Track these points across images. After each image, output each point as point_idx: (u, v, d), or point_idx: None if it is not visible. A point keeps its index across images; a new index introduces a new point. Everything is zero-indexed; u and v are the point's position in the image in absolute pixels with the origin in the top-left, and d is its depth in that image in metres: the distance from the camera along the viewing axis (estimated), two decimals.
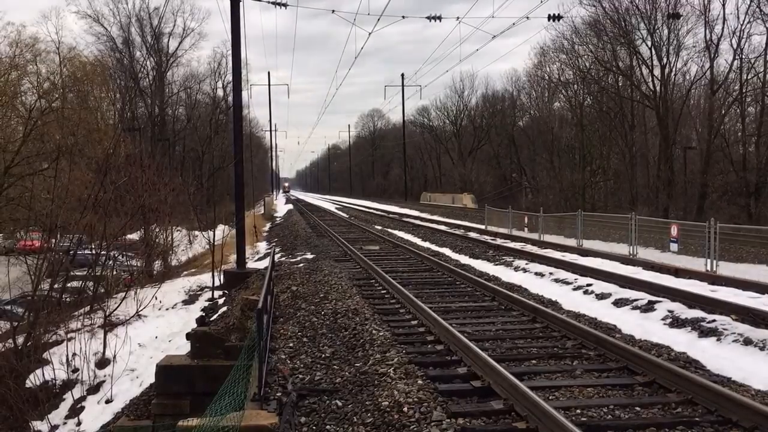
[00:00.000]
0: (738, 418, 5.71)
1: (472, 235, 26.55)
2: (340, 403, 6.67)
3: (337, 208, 59.17)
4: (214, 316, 15.15)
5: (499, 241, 23.30)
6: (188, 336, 9.83)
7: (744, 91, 34.93)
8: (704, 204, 33.87)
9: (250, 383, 6.70)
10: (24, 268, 17.31)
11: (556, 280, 14.35)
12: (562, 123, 51.31)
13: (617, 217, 23.56)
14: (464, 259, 18.88)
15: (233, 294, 17.03)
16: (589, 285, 13.15)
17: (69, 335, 15.01)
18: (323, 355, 8.42)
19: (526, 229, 26.83)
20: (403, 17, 28.23)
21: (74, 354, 13.89)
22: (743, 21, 33.99)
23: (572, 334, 8.86)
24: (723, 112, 35.83)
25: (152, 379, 10.42)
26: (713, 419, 5.84)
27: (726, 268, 14.96)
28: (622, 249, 19.13)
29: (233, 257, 21.38)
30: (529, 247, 20.77)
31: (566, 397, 6.54)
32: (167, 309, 18.25)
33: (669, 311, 10.31)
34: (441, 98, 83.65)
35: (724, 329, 9.00)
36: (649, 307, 10.78)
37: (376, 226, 32.45)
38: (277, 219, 49.53)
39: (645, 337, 9.11)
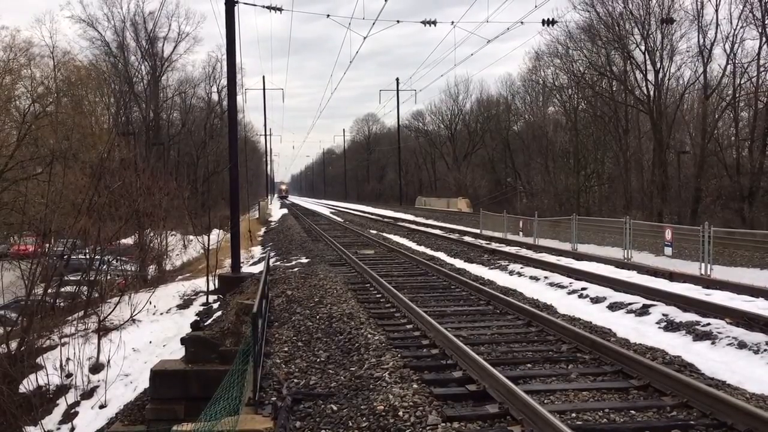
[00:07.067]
0: (733, 421, 5.72)
1: (467, 239, 26.56)
2: (335, 408, 6.65)
3: (331, 213, 59.12)
4: (209, 321, 15.09)
5: (494, 245, 23.32)
6: (183, 341, 9.79)
7: (737, 95, 35.08)
8: (698, 208, 33.96)
9: (245, 388, 6.68)
10: (17, 273, 17.25)
11: (551, 284, 14.37)
12: (557, 127, 51.42)
13: (612, 221, 23.67)
14: (459, 263, 18.89)
15: (228, 298, 16.97)
16: (584, 289, 13.17)
17: (63, 340, 14.92)
18: (318, 360, 8.40)
19: (521, 233, 26.87)
20: (398, 21, 28.46)
21: (68, 359, 13.81)
22: (736, 26, 34.15)
23: (567, 337, 8.87)
24: (716, 116, 35.95)
25: (146, 384, 10.38)
26: (708, 422, 5.85)
27: (720, 272, 15.02)
28: (616, 253, 19.18)
29: (228, 262, 21.33)
30: (524, 251, 20.79)
31: (561, 401, 6.55)
32: (162, 314, 18.20)
33: (664, 315, 10.34)
34: (436, 102, 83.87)
35: (718, 333, 9.03)
36: (643, 311, 10.81)
37: (371, 231, 32.43)
38: (272, 223, 49.43)
39: (640, 340, 9.13)
